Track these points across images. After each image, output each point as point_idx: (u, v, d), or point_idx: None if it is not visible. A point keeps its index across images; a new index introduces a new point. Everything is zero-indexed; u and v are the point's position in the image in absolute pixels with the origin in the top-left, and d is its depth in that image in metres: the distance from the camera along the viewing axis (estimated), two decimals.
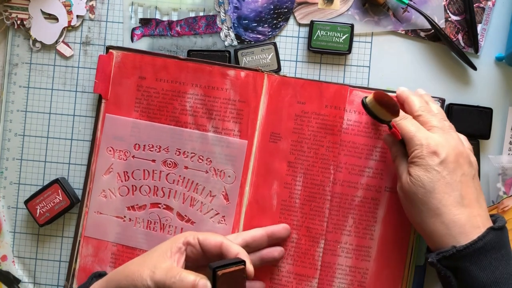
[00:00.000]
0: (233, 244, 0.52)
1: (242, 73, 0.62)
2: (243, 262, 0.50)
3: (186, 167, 0.62)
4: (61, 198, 0.62)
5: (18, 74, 0.65)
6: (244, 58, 0.63)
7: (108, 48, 0.63)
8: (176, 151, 0.62)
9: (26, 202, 0.63)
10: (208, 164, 0.62)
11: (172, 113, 0.62)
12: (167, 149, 0.62)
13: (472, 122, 0.62)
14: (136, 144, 0.63)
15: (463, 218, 0.50)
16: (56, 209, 0.62)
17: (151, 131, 0.62)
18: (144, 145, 0.63)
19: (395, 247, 0.60)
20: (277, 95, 0.61)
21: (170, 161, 0.62)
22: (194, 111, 0.62)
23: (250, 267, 0.50)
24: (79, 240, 0.63)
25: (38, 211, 0.62)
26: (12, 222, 0.65)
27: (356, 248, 0.60)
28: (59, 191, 0.62)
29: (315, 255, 0.60)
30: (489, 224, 0.51)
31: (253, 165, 0.61)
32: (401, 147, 0.55)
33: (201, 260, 0.54)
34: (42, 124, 0.65)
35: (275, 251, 0.59)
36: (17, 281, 0.64)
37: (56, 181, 0.62)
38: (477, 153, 0.62)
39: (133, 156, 0.63)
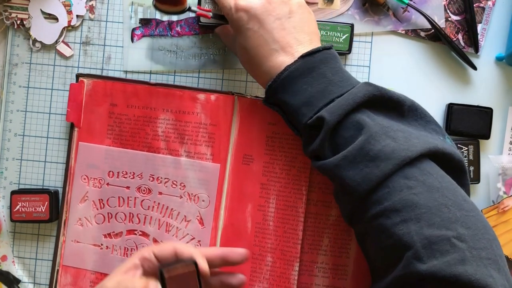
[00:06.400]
0: (186, 247, 0.51)
1: (212, 97, 0.62)
2: (195, 262, 0.48)
3: (160, 193, 0.62)
4: (43, 210, 0.62)
5: (18, 74, 0.65)
6: None
7: (78, 76, 0.63)
8: (150, 177, 0.62)
9: (12, 193, 0.63)
10: (182, 189, 0.62)
11: (145, 139, 0.62)
12: (141, 175, 0.62)
13: (472, 122, 0.62)
14: (110, 171, 0.63)
15: (279, 60, 0.52)
16: (33, 216, 0.62)
17: (125, 158, 0.62)
18: (118, 172, 0.63)
19: None
20: (248, 117, 0.61)
21: (144, 187, 0.62)
22: (166, 136, 0.62)
23: (204, 266, 0.49)
24: (58, 269, 0.63)
25: (18, 207, 0.62)
26: (12, 222, 0.64)
27: (333, 267, 0.60)
28: (46, 203, 0.62)
29: (290, 278, 0.60)
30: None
31: (227, 188, 0.61)
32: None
33: None
34: (42, 124, 0.65)
35: (234, 278, 0.54)
36: (17, 281, 0.64)
37: (48, 192, 0.62)
38: (477, 153, 0.62)
39: (108, 184, 0.63)
